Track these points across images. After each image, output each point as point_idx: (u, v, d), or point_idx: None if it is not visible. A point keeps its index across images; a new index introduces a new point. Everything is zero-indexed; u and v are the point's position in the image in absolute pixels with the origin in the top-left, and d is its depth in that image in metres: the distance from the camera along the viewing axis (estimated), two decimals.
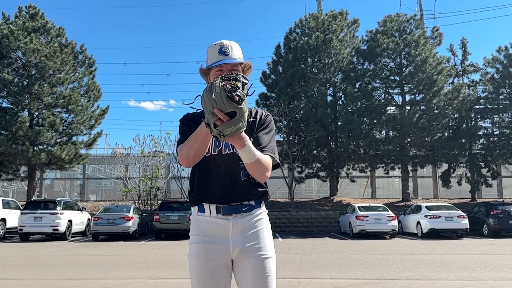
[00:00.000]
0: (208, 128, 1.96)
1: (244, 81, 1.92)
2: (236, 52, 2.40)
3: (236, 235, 2.33)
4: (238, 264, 2.35)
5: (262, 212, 2.43)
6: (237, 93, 1.85)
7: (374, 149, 28.95)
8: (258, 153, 2.19)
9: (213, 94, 1.84)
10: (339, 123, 28.63)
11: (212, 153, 2.34)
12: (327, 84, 29.54)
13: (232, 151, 2.32)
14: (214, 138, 2.25)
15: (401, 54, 28.94)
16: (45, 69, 25.97)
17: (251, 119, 2.39)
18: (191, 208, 2.47)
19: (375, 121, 28.66)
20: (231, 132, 1.90)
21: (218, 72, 2.34)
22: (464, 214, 20.34)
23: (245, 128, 1.95)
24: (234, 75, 1.93)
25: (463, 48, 30.97)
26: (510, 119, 29.44)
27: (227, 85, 1.86)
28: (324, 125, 27.89)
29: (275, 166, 2.37)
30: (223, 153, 2.34)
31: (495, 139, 30.18)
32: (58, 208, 19.91)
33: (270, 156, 2.32)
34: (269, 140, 2.39)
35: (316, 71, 29.16)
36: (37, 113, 26.98)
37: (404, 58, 29.03)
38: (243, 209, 2.34)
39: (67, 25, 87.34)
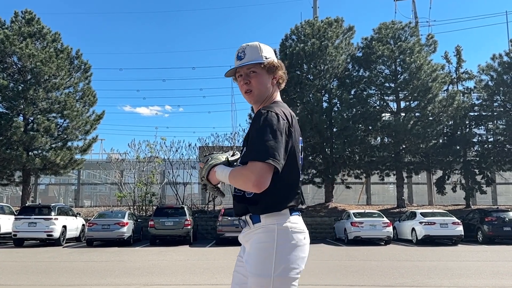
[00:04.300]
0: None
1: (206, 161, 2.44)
2: (252, 54, 2.42)
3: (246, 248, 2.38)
4: None
5: (262, 227, 2.27)
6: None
7: (369, 155, 29.01)
8: (228, 173, 2.27)
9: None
10: (334, 130, 28.68)
11: None
12: (323, 91, 29.62)
13: None
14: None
15: (396, 61, 29.09)
16: (41, 74, 25.93)
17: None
18: None
19: (370, 127, 28.75)
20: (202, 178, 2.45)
21: (240, 78, 2.45)
22: (459, 221, 20.41)
23: (203, 176, 2.42)
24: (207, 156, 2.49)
25: (458, 56, 31.16)
26: (504, 126, 29.58)
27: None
28: (320, 132, 27.96)
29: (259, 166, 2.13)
30: None
31: (490, 146, 30.32)
32: (53, 213, 19.82)
33: (244, 162, 2.20)
34: (249, 145, 2.26)
35: (312, 77, 29.25)
36: (32, 118, 26.92)
37: (399, 65, 29.16)
38: (241, 224, 2.38)
39: (63, 30, 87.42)
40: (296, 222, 2.30)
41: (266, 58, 2.43)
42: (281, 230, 2.25)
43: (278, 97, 2.50)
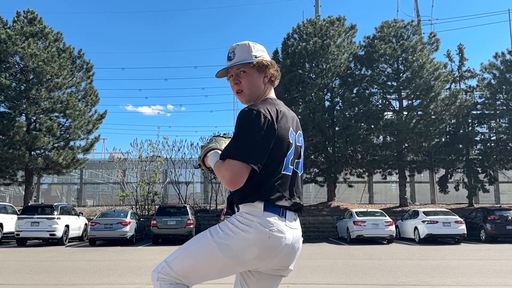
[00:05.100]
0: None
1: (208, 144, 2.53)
2: (242, 54, 2.43)
3: None
4: None
5: (238, 212, 2.33)
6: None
7: (372, 154, 28.97)
8: (214, 163, 2.33)
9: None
10: (336, 128, 28.66)
11: None
12: (325, 90, 29.60)
13: None
14: None
15: (398, 60, 29.03)
16: (43, 73, 25.96)
17: None
18: None
19: (372, 126, 28.71)
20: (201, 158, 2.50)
21: (231, 78, 2.47)
22: (462, 220, 20.37)
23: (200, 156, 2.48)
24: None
25: (460, 54, 31.08)
26: (507, 125, 29.51)
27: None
28: (322, 130, 27.93)
29: (236, 165, 2.18)
30: None
31: (492, 144, 30.24)
32: (55, 213, 19.87)
33: (223, 159, 2.26)
34: (230, 142, 2.32)
35: (314, 76, 29.22)
36: (34, 118, 26.96)
37: (401, 64, 29.11)
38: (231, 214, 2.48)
39: (65, 30, 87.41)
40: (268, 220, 2.23)
41: (256, 57, 2.42)
42: (247, 220, 2.25)
43: (271, 94, 2.49)
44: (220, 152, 2.37)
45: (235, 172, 2.17)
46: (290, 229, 2.30)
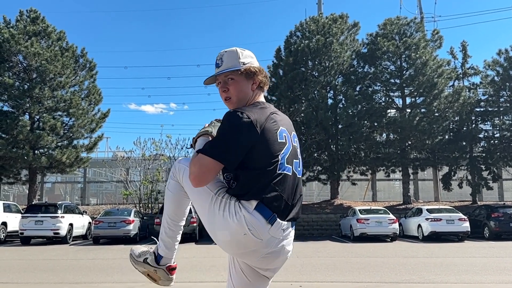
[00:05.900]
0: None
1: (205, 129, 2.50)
2: (229, 61, 2.41)
3: None
4: None
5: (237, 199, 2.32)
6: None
7: (375, 152, 28.93)
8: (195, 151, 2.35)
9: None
10: (339, 126, 28.61)
11: None
12: (328, 87, 29.55)
13: None
14: None
15: (401, 57, 28.95)
16: (46, 72, 26.00)
17: None
18: None
19: (375, 124, 28.65)
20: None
21: (219, 84, 2.46)
22: (465, 217, 20.34)
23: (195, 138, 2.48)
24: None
25: (464, 51, 30.97)
26: (510, 122, 29.41)
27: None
28: (325, 128, 27.90)
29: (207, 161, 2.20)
30: None
31: (496, 141, 30.17)
32: (59, 211, 19.92)
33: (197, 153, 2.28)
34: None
35: (317, 74, 29.18)
36: (37, 117, 27.00)
37: (405, 61, 29.03)
38: None
39: (68, 29, 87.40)
40: (252, 219, 2.21)
41: (244, 64, 2.41)
42: (237, 207, 2.23)
43: (260, 99, 2.48)
44: (210, 138, 2.40)
45: (202, 168, 2.20)
46: (273, 237, 2.26)
